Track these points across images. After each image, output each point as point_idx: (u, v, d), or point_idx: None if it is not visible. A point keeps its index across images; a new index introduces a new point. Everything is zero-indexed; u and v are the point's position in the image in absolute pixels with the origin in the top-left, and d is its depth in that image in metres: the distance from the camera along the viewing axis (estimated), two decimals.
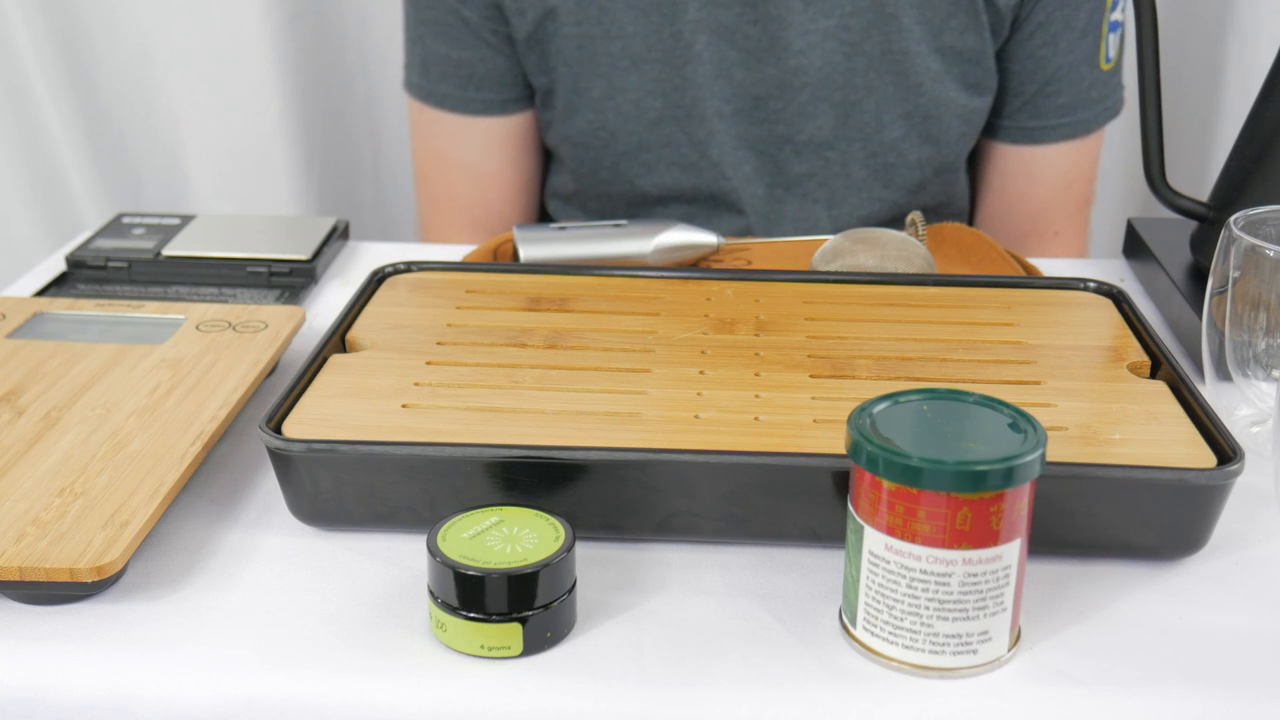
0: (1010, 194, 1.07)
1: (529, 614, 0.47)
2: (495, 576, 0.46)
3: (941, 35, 0.97)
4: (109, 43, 1.29)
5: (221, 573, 0.52)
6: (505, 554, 0.47)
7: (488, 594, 0.46)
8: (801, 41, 0.95)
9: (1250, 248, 0.59)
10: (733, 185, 1.00)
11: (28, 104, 1.29)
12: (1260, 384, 0.61)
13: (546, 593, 0.47)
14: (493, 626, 0.46)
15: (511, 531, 0.48)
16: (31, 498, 0.52)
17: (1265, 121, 0.75)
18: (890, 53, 0.96)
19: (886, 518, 0.45)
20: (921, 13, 0.96)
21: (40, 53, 1.27)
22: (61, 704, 0.46)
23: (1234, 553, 0.54)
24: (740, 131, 0.98)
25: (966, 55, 0.98)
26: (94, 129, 1.32)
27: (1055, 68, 1.00)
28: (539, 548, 0.47)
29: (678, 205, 1.02)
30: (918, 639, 0.46)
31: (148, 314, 0.69)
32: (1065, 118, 1.02)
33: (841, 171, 1.00)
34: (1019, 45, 1.00)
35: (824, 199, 1.01)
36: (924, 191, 1.02)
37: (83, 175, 1.33)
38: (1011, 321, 0.66)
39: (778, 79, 0.96)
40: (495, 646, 0.47)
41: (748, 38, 0.95)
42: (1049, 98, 1.01)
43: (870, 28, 0.95)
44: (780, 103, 0.97)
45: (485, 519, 0.49)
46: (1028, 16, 0.98)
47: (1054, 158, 1.04)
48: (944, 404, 0.48)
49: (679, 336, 0.64)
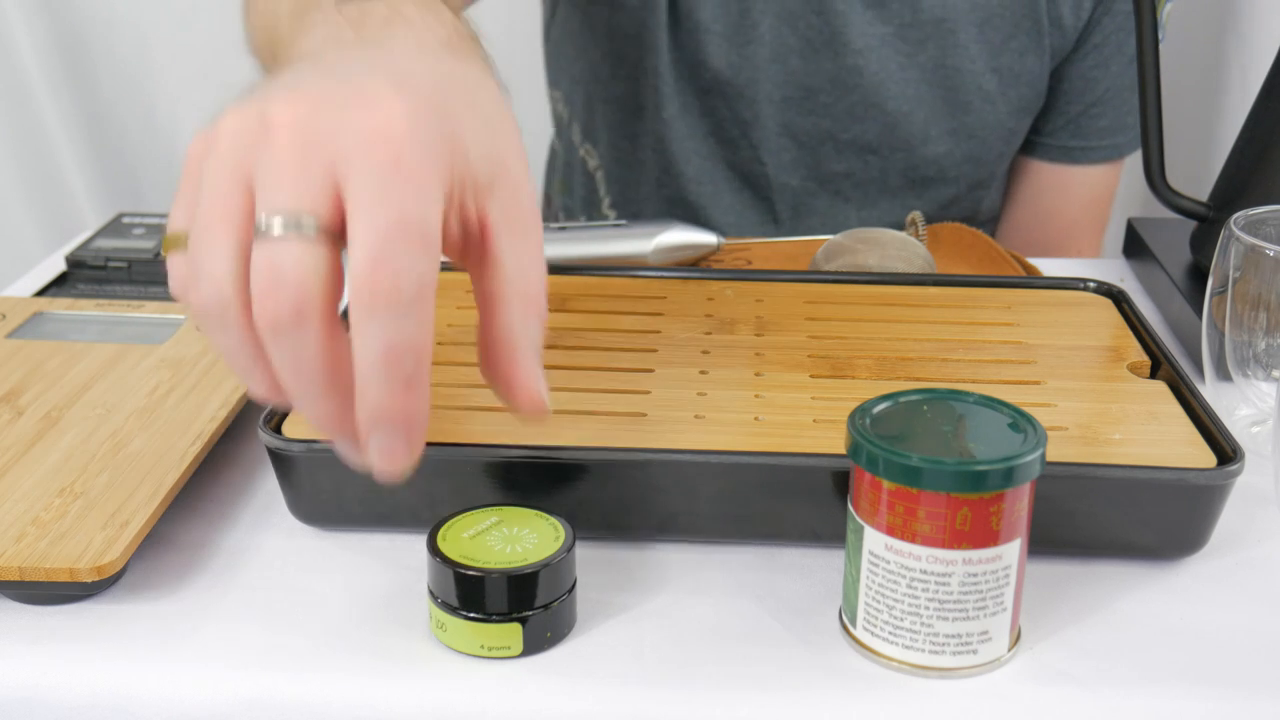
0: (1041, 210, 1.07)
1: (529, 614, 0.47)
2: (495, 577, 0.46)
3: (1000, 55, 0.97)
4: (109, 43, 1.29)
5: (221, 573, 0.52)
6: (505, 554, 0.47)
7: (488, 594, 0.46)
8: (860, 42, 0.95)
9: (1250, 248, 0.59)
10: (767, 171, 1.00)
11: (28, 104, 1.29)
12: (1260, 384, 0.61)
13: (546, 593, 0.47)
14: (493, 626, 0.46)
15: (511, 531, 0.48)
16: (31, 498, 0.52)
17: (1265, 121, 0.75)
18: (944, 68, 0.96)
19: (886, 518, 0.45)
20: (982, 31, 0.96)
21: (40, 53, 1.27)
22: (61, 704, 0.46)
23: (1234, 553, 0.54)
24: (786, 120, 0.98)
25: (1024, 77, 0.98)
26: (94, 129, 1.32)
27: (1103, 90, 1.00)
28: (539, 548, 0.47)
29: (708, 183, 1.02)
30: (918, 639, 0.46)
31: (148, 314, 0.69)
32: (1104, 140, 1.03)
33: (879, 177, 1.00)
34: (1071, 65, 1.00)
35: (856, 199, 1.01)
36: (956, 205, 1.03)
37: (83, 175, 1.33)
38: (1011, 321, 0.66)
39: (832, 73, 0.96)
40: (495, 646, 0.47)
41: (810, 26, 0.95)
42: (1092, 119, 1.02)
43: (927, 41, 0.95)
44: (831, 97, 0.97)
45: (485, 519, 0.49)
46: (1087, 38, 0.99)
47: (1088, 178, 1.05)
48: (944, 404, 0.48)
49: (680, 336, 0.64)
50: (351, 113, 0.40)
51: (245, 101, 0.41)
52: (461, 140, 0.42)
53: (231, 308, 0.40)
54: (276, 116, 0.40)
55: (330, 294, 0.40)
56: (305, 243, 0.39)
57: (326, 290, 0.39)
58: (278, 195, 0.39)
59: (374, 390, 0.40)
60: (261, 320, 0.39)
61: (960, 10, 0.95)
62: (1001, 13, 0.96)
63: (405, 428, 0.41)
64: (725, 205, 1.02)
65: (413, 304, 0.39)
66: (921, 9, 0.95)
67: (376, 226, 0.38)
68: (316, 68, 0.44)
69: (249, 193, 0.40)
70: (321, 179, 0.39)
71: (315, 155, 0.39)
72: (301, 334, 0.39)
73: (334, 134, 0.39)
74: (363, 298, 0.39)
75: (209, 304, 0.40)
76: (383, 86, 0.41)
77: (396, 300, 0.39)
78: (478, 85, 0.46)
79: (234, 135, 0.40)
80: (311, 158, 0.39)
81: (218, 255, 0.40)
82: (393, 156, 0.39)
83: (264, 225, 0.39)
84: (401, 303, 0.39)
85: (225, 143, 0.40)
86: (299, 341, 0.39)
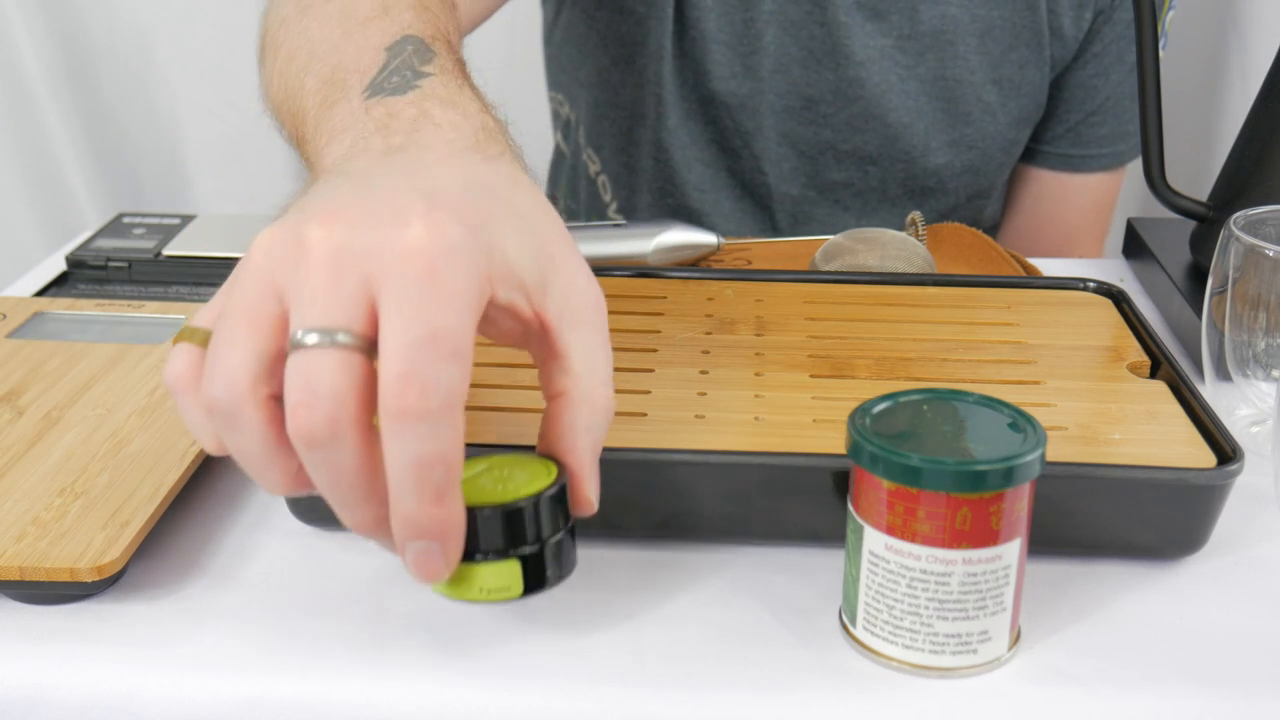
0: (1041, 217, 1.07)
1: (526, 551, 0.45)
2: (487, 513, 0.44)
3: (1001, 67, 0.97)
4: (109, 43, 1.29)
5: (221, 573, 0.52)
6: (498, 493, 0.45)
7: (481, 531, 0.44)
8: (862, 53, 0.95)
9: (1250, 248, 0.59)
10: (767, 180, 1.00)
11: (28, 104, 1.29)
12: (1260, 384, 0.61)
13: (544, 528, 0.45)
14: (490, 566, 0.44)
15: (503, 473, 0.46)
16: (32, 497, 0.52)
17: (1265, 121, 0.75)
18: (944, 79, 0.96)
19: (886, 517, 0.45)
20: (983, 43, 0.96)
21: (40, 53, 1.27)
22: (61, 704, 0.46)
23: (1234, 553, 0.54)
24: (787, 130, 0.98)
25: (1024, 88, 0.98)
26: (94, 129, 1.32)
27: (1104, 98, 1.00)
28: (531, 483, 0.45)
29: (710, 190, 1.02)
30: (918, 639, 0.46)
31: (148, 314, 0.69)
32: (1105, 149, 1.03)
33: (879, 186, 1.00)
34: (1072, 74, 1.00)
35: (855, 208, 1.01)
36: (956, 214, 1.03)
37: (83, 175, 1.33)
38: (1011, 321, 0.66)
39: (833, 84, 0.96)
40: (494, 588, 0.45)
41: (812, 38, 0.95)
42: (1092, 127, 1.02)
43: (926, 52, 0.95)
44: (832, 108, 0.97)
45: (476, 466, 0.47)
46: (1087, 47, 0.99)
47: (1088, 186, 1.05)
48: (944, 404, 0.48)
49: (680, 336, 0.64)
50: (385, 231, 0.40)
51: (280, 222, 0.41)
52: (500, 247, 0.42)
53: (246, 406, 0.40)
54: (310, 236, 0.40)
55: (365, 403, 0.40)
56: (340, 353, 0.39)
57: (361, 400, 0.40)
58: (312, 311, 0.39)
59: (406, 503, 0.40)
60: (296, 433, 0.39)
61: (961, 22, 0.95)
62: (1002, 24, 0.96)
63: (440, 538, 0.41)
64: (725, 213, 1.02)
65: (441, 417, 0.39)
66: (921, 21, 0.95)
67: (407, 340, 0.39)
68: (349, 182, 0.43)
69: (279, 303, 0.40)
70: (356, 294, 0.39)
71: (349, 272, 0.39)
72: (337, 447, 0.39)
73: (368, 251, 0.40)
74: (392, 412, 0.39)
75: (221, 398, 0.40)
76: (415, 202, 0.41)
77: (425, 414, 0.39)
78: (511, 186, 0.45)
79: (268, 252, 0.41)
80: (345, 275, 0.39)
81: (238, 352, 0.40)
82: (426, 269, 0.39)
83: (299, 338, 0.39)
84: (430, 416, 0.39)
85: (259, 259, 0.41)
86: (334, 453, 0.40)
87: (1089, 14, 0.98)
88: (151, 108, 1.30)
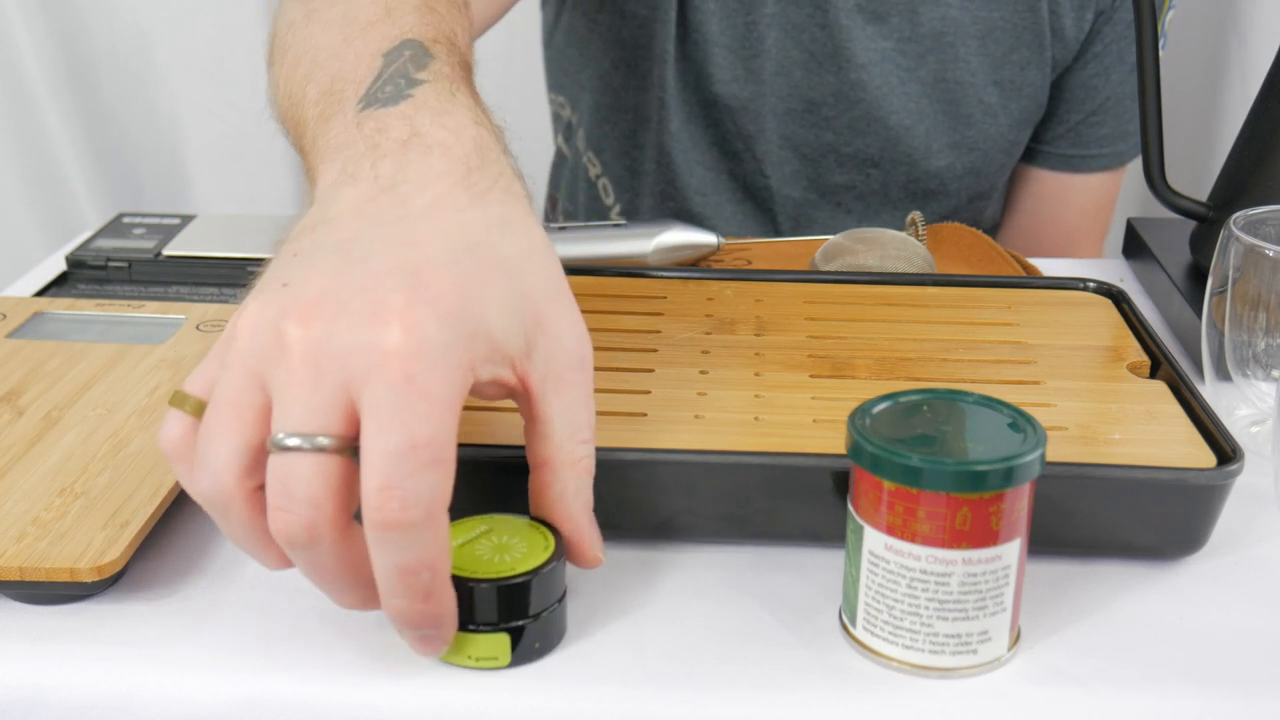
0: (1041, 217, 1.07)
1: (518, 625, 0.46)
2: (484, 588, 0.45)
3: (1002, 68, 0.97)
4: (109, 43, 1.30)
5: (221, 573, 0.52)
6: (494, 564, 0.46)
7: (476, 605, 0.45)
8: (863, 56, 0.95)
9: (1250, 248, 0.59)
10: (769, 183, 1.00)
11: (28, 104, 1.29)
12: (1260, 384, 0.61)
13: (535, 603, 0.46)
14: (480, 637, 0.46)
15: (501, 540, 0.47)
16: (32, 498, 0.52)
17: (1265, 121, 0.75)
18: (945, 81, 0.96)
19: (886, 518, 0.45)
20: (983, 44, 0.96)
21: (40, 53, 1.27)
22: (62, 704, 0.46)
23: (1234, 553, 0.54)
24: (789, 133, 0.98)
25: (1025, 89, 0.98)
26: (94, 129, 1.32)
27: (1104, 99, 1.00)
28: (528, 557, 0.46)
29: (712, 194, 1.02)
30: (917, 639, 0.46)
31: (148, 314, 0.69)
32: (1105, 149, 1.03)
33: (880, 189, 1.00)
34: (1072, 74, 1.00)
35: (857, 211, 1.01)
36: (957, 216, 1.03)
37: (83, 175, 1.33)
38: (1011, 321, 0.66)
39: (835, 87, 0.96)
40: (483, 657, 0.46)
41: (814, 40, 0.95)
42: (1092, 128, 1.02)
43: (927, 55, 0.95)
44: (834, 111, 0.97)
45: (475, 528, 0.48)
46: (1088, 47, 0.99)
47: (1088, 186, 1.05)
48: (944, 404, 0.48)
49: (680, 336, 0.64)
50: (362, 332, 0.40)
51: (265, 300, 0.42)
52: (485, 326, 0.42)
53: (234, 501, 0.41)
54: (290, 334, 0.40)
55: (344, 505, 0.41)
56: (318, 458, 0.40)
57: (339, 503, 0.40)
58: (291, 414, 0.40)
59: (395, 602, 0.42)
60: (277, 535, 0.41)
61: (961, 24, 0.95)
62: (1003, 25, 0.96)
63: (433, 627, 0.43)
64: (727, 216, 1.03)
65: (423, 527, 0.40)
66: (922, 23, 0.95)
67: (386, 450, 0.39)
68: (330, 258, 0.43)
69: (264, 393, 0.41)
70: (335, 397, 0.40)
71: (328, 376, 0.40)
72: (316, 548, 0.41)
73: (346, 352, 0.40)
74: (375, 524, 0.40)
75: (209, 494, 0.41)
76: (395, 290, 0.41)
77: (407, 525, 0.39)
78: (500, 232, 0.45)
79: (251, 338, 0.41)
80: (324, 378, 0.40)
81: (224, 447, 0.41)
82: (402, 375, 0.39)
83: (279, 439, 0.40)
84: (412, 527, 0.39)
85: (244, 343, 0.41)
86: (314, 554, 0.41)
87: (1090, 14, 0.98)
88: (151, 108, 1.30)
